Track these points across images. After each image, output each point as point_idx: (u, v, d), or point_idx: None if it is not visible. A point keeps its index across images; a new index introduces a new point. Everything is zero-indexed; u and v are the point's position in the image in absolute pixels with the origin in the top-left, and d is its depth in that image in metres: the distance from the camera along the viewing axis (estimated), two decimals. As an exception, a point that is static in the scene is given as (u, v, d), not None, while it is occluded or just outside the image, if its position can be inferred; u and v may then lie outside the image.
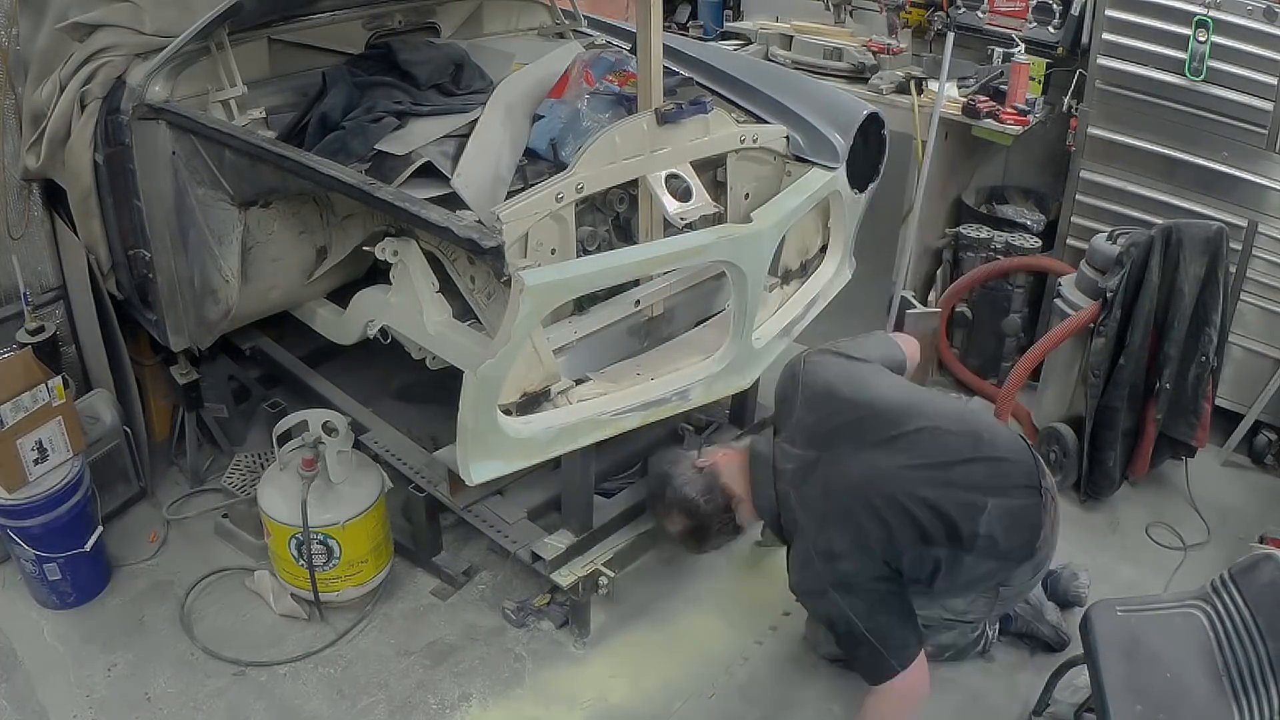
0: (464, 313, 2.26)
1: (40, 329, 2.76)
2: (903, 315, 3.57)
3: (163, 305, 2.63)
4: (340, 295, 2.67)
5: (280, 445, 2.60)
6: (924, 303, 3.71)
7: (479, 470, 2.13)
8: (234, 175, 2.39)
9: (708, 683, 2.54)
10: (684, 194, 2.30)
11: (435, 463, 2.66)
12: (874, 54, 3.80)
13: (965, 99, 3.48)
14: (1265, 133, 2.99)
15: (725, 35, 4.43)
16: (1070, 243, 3.50)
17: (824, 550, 2.13)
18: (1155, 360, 2.99)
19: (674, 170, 2.31)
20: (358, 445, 2.70)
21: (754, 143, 2.58)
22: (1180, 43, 3.04)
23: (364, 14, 2.88)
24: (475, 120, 2.46)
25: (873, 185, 2.79)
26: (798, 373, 2.35)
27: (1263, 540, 2.86)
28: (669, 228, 2.33)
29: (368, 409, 2.97)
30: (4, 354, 2.54)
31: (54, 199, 2.86)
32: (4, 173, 2.77)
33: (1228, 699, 1.87)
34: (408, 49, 2.74)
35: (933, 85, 3.51)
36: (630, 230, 2.52)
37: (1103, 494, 3.12)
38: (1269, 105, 2.96)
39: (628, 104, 2.47)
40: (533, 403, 2.19)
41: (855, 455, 2.19)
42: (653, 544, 2.72)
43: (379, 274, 2.45)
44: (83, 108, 2.53)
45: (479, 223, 1.97)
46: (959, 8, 3.63)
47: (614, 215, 2.52)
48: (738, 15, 4.71)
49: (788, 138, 2.65)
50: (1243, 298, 3.17)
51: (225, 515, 2.96)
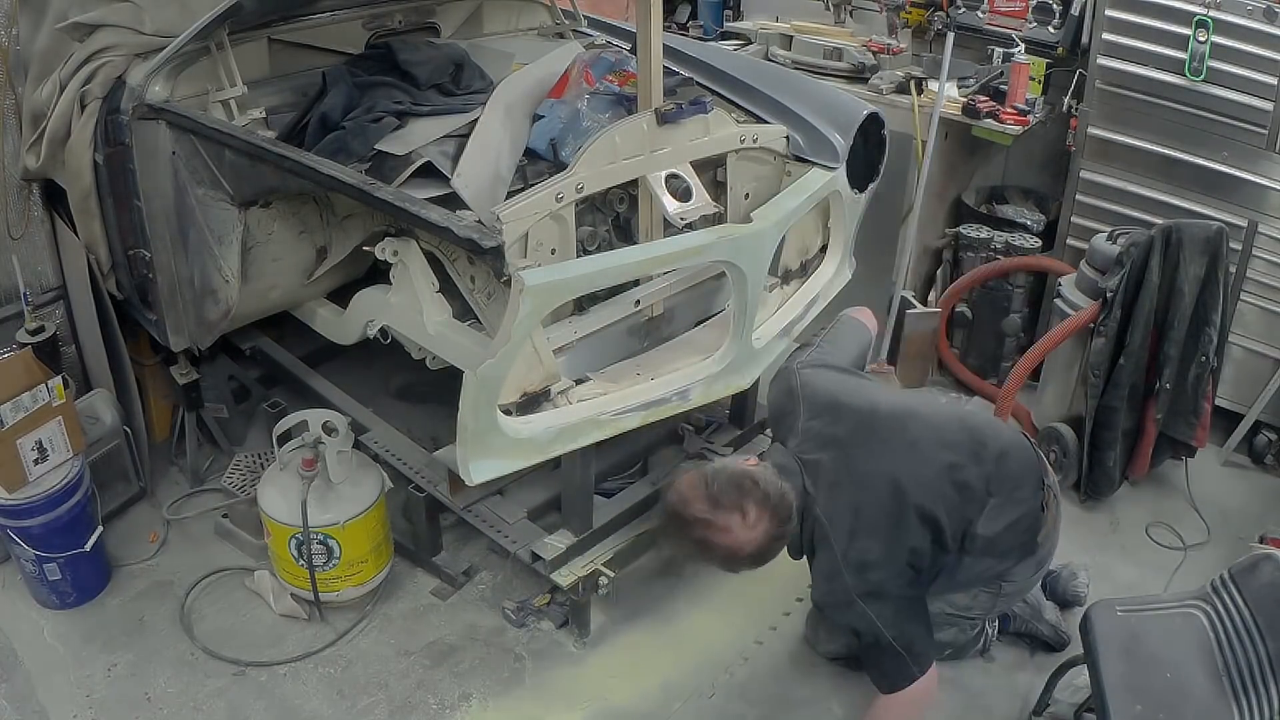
0: (464, 313, 2.27)
1: (40, 329, 2.76)
2: (903, 315, 3.57)
3: (163, 305, 2.63)
4: (340, 295, 2.67)
5: (280, 445, 2.60)
6: (924, 303, 3.71)
7: (479, 470, 2.13)
8: (234, 175, 2.39)
9: (708, 683, 2.54)
10: (684, 194, 2.30)
11: (435, 463, 2.65)
12: (874, 54, 3.80)
13: (965, 99, 3.48)
14: (1265, 133, 2.99)
15: (725, 35, 4.43)
16: (1070, 243, 3.50)
17: (856, 561, 2.09)
18: (1155, 360, 2.99)
19: (674, 170, 2.31)
20: (358, 445, 2.69)
21: (754, 143, 2.58)
22: (1180, 43, 3.04)
23: (364, 14, 2.88)
24: (475, 120, 2.46)
25: (873, 185, 2.79)
26: (794, 386, 2.30)
27: (1263, 540, 2.86)
28: (669, 228, 2.33)
29: (368, 409, 2.97)
30: (4, 354, 2.53)
31: (54, 199, 2.86)
32: (4, 173, 2.77)
33: (1228, 699, 1.87)
34: (408, 49, 2.74)
35: (933, 85, 3.51)
36: (630, 230, 2.52)
37: (1103, 494, 3.12)
38: (1269, 105, 2.96)
39: (628, 104, 2.47)
40: (533, 403, 2.18)
41: (873, 463, 2.15)
42: (652, 544, 2.72)
43: (379, 274, 2.45)
44: (83, 108, 2.53)
45: (479, 223, 1.97)
46: (959, 8, 3.63)
47: (614, 215, 2.52)
48: (738, 15, 4.71)
49: (788, 138, 2.65)
50: (1243, 298, 3.17)
51: (225, 515, 2.96)
